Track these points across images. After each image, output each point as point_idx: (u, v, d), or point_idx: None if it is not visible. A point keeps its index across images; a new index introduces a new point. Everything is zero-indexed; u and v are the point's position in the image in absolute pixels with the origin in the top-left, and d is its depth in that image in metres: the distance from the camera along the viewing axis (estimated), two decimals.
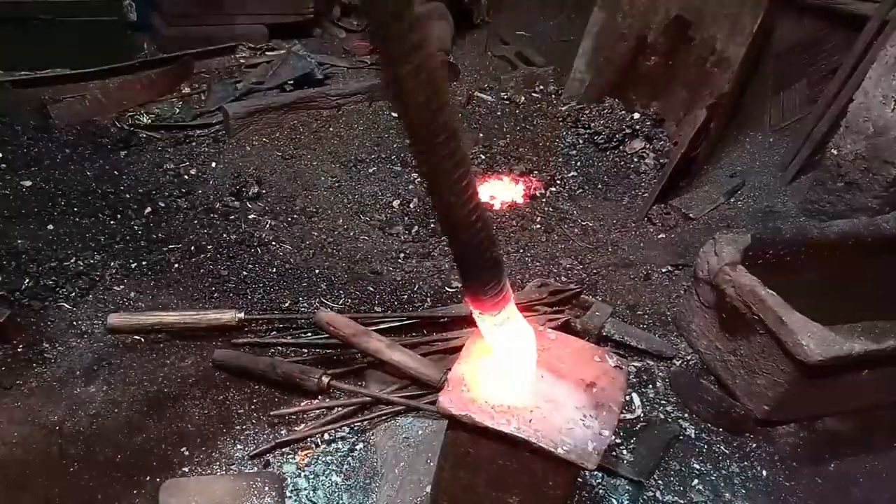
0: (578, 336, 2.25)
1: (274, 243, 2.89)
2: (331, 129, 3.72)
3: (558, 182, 3.53)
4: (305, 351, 2.36)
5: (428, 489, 1.85)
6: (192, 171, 3.28)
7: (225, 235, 2.90)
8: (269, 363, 2.21)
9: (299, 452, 2.02)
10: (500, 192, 3.44)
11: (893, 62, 2.87)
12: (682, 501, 2.02)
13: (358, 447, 2.05)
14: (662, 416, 2.28)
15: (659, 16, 3.80)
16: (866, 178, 2.97)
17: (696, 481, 2.08)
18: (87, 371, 2.22)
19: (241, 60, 4.17)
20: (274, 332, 2.44)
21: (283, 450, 2.02)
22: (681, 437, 2.21)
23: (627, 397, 2.30)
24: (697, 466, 2.13)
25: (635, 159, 3.72)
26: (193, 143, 3.49)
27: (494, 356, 1.55)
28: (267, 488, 1.82)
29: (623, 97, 4.02)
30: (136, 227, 2.87)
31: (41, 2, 3.76)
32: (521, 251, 3.01)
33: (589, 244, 3.11)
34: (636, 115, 3.90)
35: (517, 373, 1.53)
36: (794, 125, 3.66)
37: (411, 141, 1.26)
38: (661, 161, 3.64)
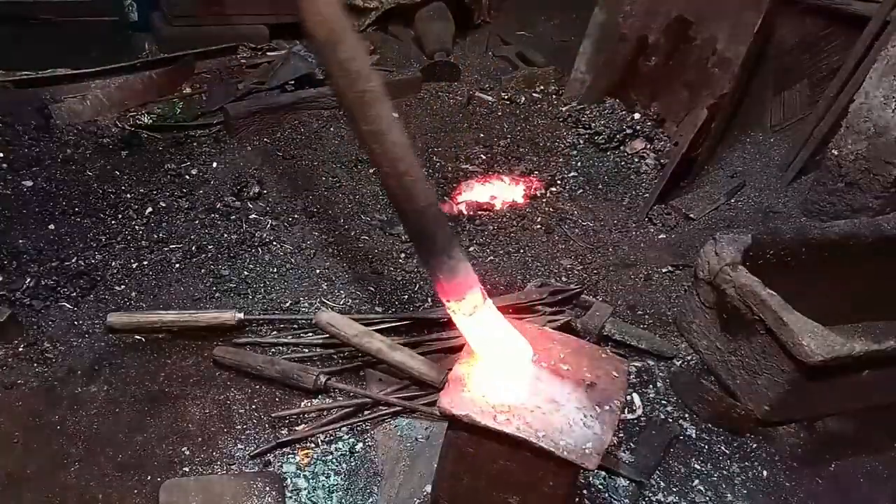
0: (579, 336, 2.25)
1: (275, 243, 2.90)
2: (331, 129, 3.72)
3: (559, 182, 3.53)
4: (306, 350, 2.36)
5: (428, 489, 1.85)
6: (193, 171, 3.28)
7: (226, 235, 2.90)
8: (269, 361, 2.21)
9: (299, 452, 2.02)
10: (500, 192, 3.44)
11: (894, 63, 2.86)
12: (682, 502, 2.02)
13: (358, 447, 2.05)
14: (663, 417, 2.28)
15: (660, 16, 3.80)
16: (867, 179, 2.97)
17: (696, 481, 2.08)
18: (88, 371, 2.22)
19: (242, 61, 4.17)
20: (275, 333, 2.44)
21: (284, 450, 2.03)
22: (681, 438, 2.21)
23: (628, 397, 2.30)
24: (698, 466, 2.13)
25: (636, 160, 3.72)
26: (194, 144, 3.50)
27: (482, 355, 1.56)
28: (267, 488, 1.83)
29: (624, 97, 4.01)
30: (137, 227, 2.87)
31: (42, 2, 3.76)
32: (522, 251, 3.01)
33: (589, 244, 3.11)
34: (637, 116, 3.90)
35: (512, 369, 1.54)
36: (795, 125, 3.66)
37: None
38: (662, 161, 3.64)
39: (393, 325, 2.42)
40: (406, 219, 1.52)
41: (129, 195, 3.05)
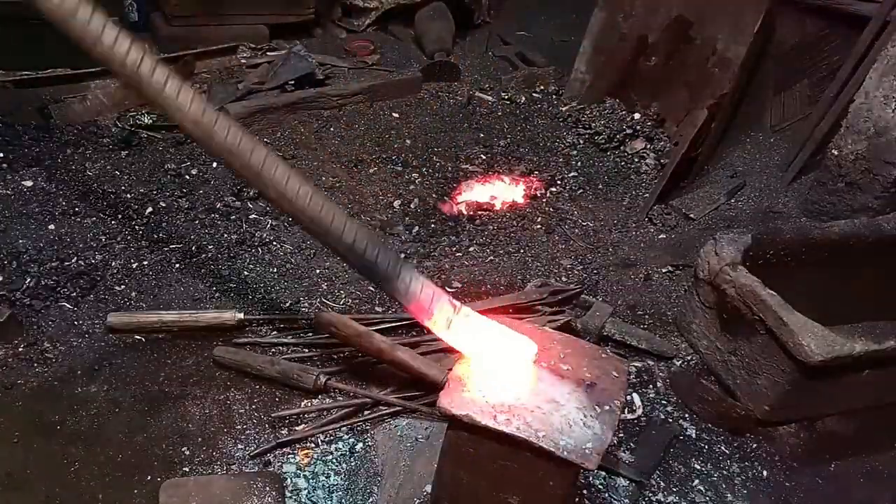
0: (579, 336, 2.25)
1: (275, 243, 2.90)
2: (332, 129, 3.72)
3: (559, 182, 3.53)
4: (306, 350, 2.36)
5: (428, 489, 1.85)
6: (193, 171, 3.28)
7: (226, 235, 2.90)
8: (269, 361, 2.21)
9: (299, 452, 2.02)
10: (500, 192, 3.44)
11: (894, 63, 2.86)
12: (682, 502, 2.02)
13: (358, 447, 2.05)
14: (663, 417, 2.28)
15: (660, 16, 3.80)
16: (867, 179, 2.97)
17: (696, 481, 2.08)
18: (88, 370, 2.22)
19: (242, 61, 4.17)
20: (275, 333, 2.44)
21: (284, 450, 2.03)
22: (681, 438, 2.21)
23: (628, 397, 2.30)
24: (698, 466, 2.13)
25: (636, 159, 3.72)
26: (194, 143, 3.49)
27: (483, 361, 1.55)
28: (267, 488, 1.83)
29: (624, 97, 4.02)
30: (137, 227, 2.87)
31: None
32: (522, 251, 3.01)
33: (589, 244, 3.11)
34: (637, 116, 3.90)
35: (516, 367, 1.53)
36: (795, 125, 3.66)
37: None
38: (662, 161, 3.64)
39: (393, 325, 2.42)
40: (344, 256, 1.58)
41: (129, 195, 3.04)
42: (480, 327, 1.56)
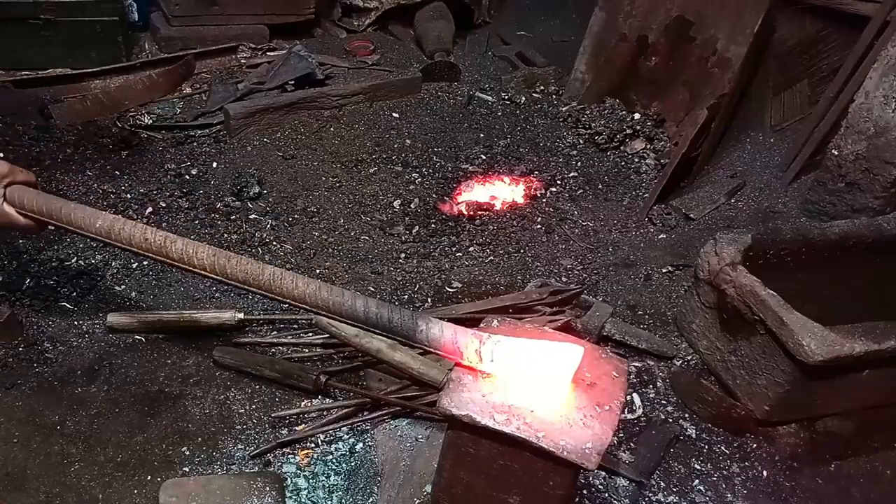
0: (579, 336, 2.25)
1: (275, 243, 2.90)
2: (332, 129, 3.72)
3: (559, 182, 3.53)
4: (306, 350, 2.36)
5: (428, 489, 1.85)
6: (193, 171, 3.28)
7: (226, 235, 2.90)
8: (268, 361, 2.22)
9: (299, 452, 2.02)
10: (500, 192, 3.44)
11: (894, 63, 2.86)
12: (682, 502, 2.02)
13: (358, 447, 2.05)
14: (663, 417, 2.28)
15: (660, 16, 3.80)
16: (867, 179, 2.97)
17: (696, 481, 2.08)
18: (88, 370, 2.22)
19: (242, 60, 4.17)
20: (275, 333, 2.44)
21: (284, 450, 2.03)
22: (681, 438, 2.21)
23: (628, 397, 2.30)
24: (698, 467, 2.13)
25: (636, 160, 3.72)
26: (194, 143, 3.50)
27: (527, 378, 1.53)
28: (267, 488, 1.83)
29: (624, 97, 4.02)
30: None
31: (41, 2, 3.77)
32: (522, 251, 3.01)
33: (589, 244, 3.11)
34: (637, 116, 3.90)
35: (554, 379, 1.50)
36: (795, 125, 3.65)
37: None
38: (662, 161, 3.65)
39: None
40: (363, 325, 1.71)
41: (129, 195, 3.04)
42: (514, 348, 1.53)
